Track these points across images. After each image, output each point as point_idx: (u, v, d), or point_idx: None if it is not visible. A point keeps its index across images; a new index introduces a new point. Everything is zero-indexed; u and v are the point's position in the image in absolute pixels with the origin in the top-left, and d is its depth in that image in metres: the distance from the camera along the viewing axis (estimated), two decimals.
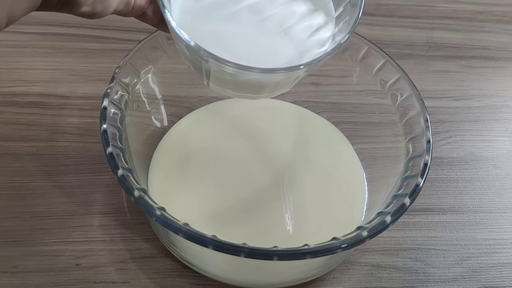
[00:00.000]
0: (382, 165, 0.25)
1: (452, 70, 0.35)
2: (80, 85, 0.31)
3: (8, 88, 0.30)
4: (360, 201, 0.25)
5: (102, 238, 0.24)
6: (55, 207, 0.25)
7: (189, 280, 0.23)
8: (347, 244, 0.18)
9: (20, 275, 0.22)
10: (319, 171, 0.26)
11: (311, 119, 0.29)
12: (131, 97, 0.23)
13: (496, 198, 0.28)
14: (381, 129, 0.26)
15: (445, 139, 0.31)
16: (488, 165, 0.30)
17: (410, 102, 0.23)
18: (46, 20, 0.34)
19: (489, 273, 0.25)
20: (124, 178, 0.19)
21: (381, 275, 0.24)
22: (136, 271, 0.23)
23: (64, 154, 0.27)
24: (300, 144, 0.28)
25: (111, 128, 0.20)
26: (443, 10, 0.40)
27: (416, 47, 0.37)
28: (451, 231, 0.26)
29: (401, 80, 0.24)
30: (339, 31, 0.19)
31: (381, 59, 0.25)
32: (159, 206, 0.18)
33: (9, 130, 0.28)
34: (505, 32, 0.39)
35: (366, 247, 0.25)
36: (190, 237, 0.17)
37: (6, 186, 0.25)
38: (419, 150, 0.22)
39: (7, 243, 0.23)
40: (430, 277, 0.24)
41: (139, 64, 0.24)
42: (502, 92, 0.34)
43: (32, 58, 0.32)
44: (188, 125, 0.28)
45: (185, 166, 0.26)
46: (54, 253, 0.23)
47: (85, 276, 0.22)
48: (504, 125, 0.32)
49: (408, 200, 0.19)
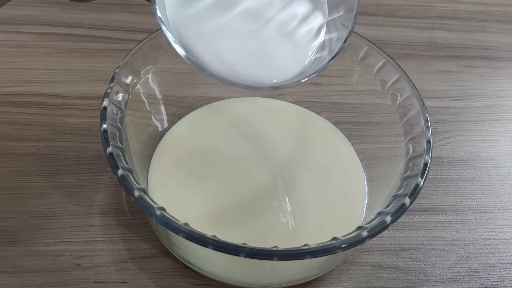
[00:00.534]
0: (382, 165, 0.25)
1: (452, 70, 0.35)
2: (80, 85, 0.31)
3: (8, 88, 0.30)
4: (360, 201, 0.25)
5: (102, 238, 0.24)
6: (55, 207, 0.25)
7: (189, 280, 0.23)
8: (347, 244, 0.18)
9: (20, 275, 0.22)
10: (319, 171, 0.26)
11: (311, 119, 0.29)
12: (131, 97, 0.23)
13: (496, 198, 0.28)
14: (381, 129, 0.26)
15: (445, 139, 0.31)
16: (488, 165, 0.30)
17: (410, 102, 0.23)
18: (46, 20, 0.34)
19: (489, 273, 0.25)
20: (124, 178, 0.19)
21: (381, 275, 0.24)
22: (136, 271, 0.23)
23: (64, 154, 0.27)
24: (300, 144, 0.28)
25: (111, 128, 0.20)
26: (443, 10, 0.40)
27: (416, 47, 0.37)
28: (451, 231, 0.26)
29: (401, 80, 0.24)
30: (336, 31, 0.19)
31: (381, 59, 0.25)
32: (159, 206, 0.18)
33: (9, 130, 0.28)
34: (505, 32, 0.39)
35: (366, 247, 0.25)
36: (190, 237, 0.17)
37: (6, 186, 0.25)
38: (419, 150, 0.22)
39: (7, 243, 0.23)
40: (430, 277, 0.24)
41: (139, 64, 0.24)
42: (502, 92, 0.34)
43: (32, 58, 0.32)
44: (188, 125, 0.28)
45: (185, 166, 0.26)
46: (54, 253, 0.23)
47: (85, 276, 0.23)
48: (504, 125, 0.32)
49: (408, 200, 0.19)
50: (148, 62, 0.24)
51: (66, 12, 0.35)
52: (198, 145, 0.27)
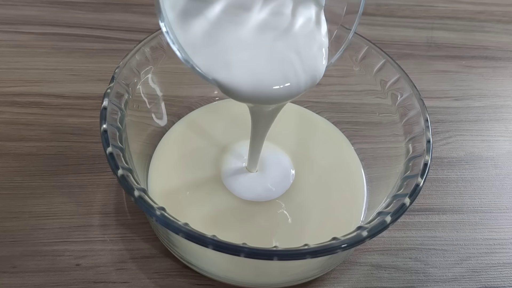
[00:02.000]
0: (382, 165, 0.25)
1: (452, 70, 0.35)
2: (80, 85, 0.31)
3: (8, 88, 0.30)
4: (360, 201, 0.25)
5: (102, 238, 0.24)
6: (55, 207, 0.25)
7: (189, 280, 0.23)
8: (347, 244, 0.18)
9: (20, 275, 0.22)
10: (320, 170, 0.26)
11: (311, 119, 0.29)
12: (131, 97, 0.23)
13: (496, 198, 0.28)
14: (381, 129, 0.26)
15: (445, 139, 0.31)
16: (488, 165, 0.30)
17: (410, 102, 0.23)
18: (46, 20, 0.34)
19: (489, 273, 0.25)
20: (124, 178, 0.19)
21: (381, 275, 0.24)
22: (136, 271, 0.23)
23: (64, 154, 0.27)
24: (300, 144, 0.28)
25: (111, 128, 0.20)
26: (443, 10, 0.40)
27: (416, 47, 0.37)
28: (451, 231, 0.26)
29: (401, 80, 0.24)
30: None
31: (381, 59, 0.25)
32: (159, 206, 0.18)
33: (9, 130, 0.28)
34: (505, 32, 0.39)
35: (366, 247, 0.25)
36: (190, 237, 0.17)
37: (6, 186, 0.25)
38: (419, 150, 0.22)
39: (7, 243, 0.23)
40: (430, 277, 0.24)
41: (139, 64, 0.24)
42: (502, 92, 0.34)
43: (32, 58, 0.32)
44: (188, 125, 0.28)
45: (185, 166, 0.26)
46: (54, 253, 0.23)
47: (85, 276, 0.23)
48: (504, 125, 0.32)
49: (408, 200, 0.19)
50: (148, 62, 0.24)
51: (66, 12, 0.35)
52: (198, 145, 0.27)
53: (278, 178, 0.25)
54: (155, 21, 0.17)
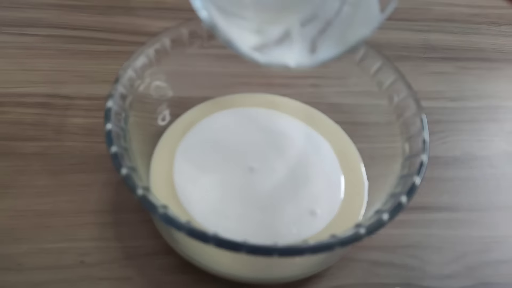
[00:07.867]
0: (380, 164, 0.25)
1: (448, 72, 0.36)
2: (85, 86, 0.31)
3: (15, 89, 0.30)
4: (358, 199, 0.26)
5: (106, 235, 0.24)
6: (60, 206, 0.25)
7: (192, 276, 0.23)
8: (346, 241, 0.18)
9: (25, 273, 0.23)
10: (320, 170, 0.27)
11: (316, 117, 0.29)
12: (134, 98, 0.23)
13: (491, 196, 0.28)
14: (378, 130, 0.26)
15: (441, 139, 0.31)
16: (484, 164, 0.30)
17: (406, 103, 0.24)
18: (52, 23, 0.35)
19: (485, 270, 0.25)
20: (128, 176, 0.19)
21: (378, 271, 0.24)
22: (139, 268, 0.23)
23: (69, 154, 0.27)
24: (301, 144, 0.28)
25: (115, 128, 0.21)
26: (439, 13, 0.41)
27: (413, 49, 0.37)
28: (447, 229, 0.27)
29: (398, 81, 0.25)
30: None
31: (379, 61, 0.25)
32: (162, 204, 0.19)
33: (15, 130, 0.28)
34: (501, 34, 0.40)
35: (364, 244, 0.25)
36: (192, 234, 0.18)
37: (12, 185, 0.26)
38: (415, 150, 0.22)
39: (12, 241, 0.24)
40: (427, 274, 0.25)
41: (143, 65, 0.24)
42: (497, 93, 0.35)
43: (38, 60, 0.32)
44: (189, 120, 0.28)
45: (186, 163, 0.26)
46: (59, 251, 0.23)
47: (89, 272, 0.23)
48: (499, 125, 0.33)
49: (405, 198, 0.20)
50: (152, 64, 0.25)
51: (72, 15, 0.36)
52: (200, 141, 0.27)
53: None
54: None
